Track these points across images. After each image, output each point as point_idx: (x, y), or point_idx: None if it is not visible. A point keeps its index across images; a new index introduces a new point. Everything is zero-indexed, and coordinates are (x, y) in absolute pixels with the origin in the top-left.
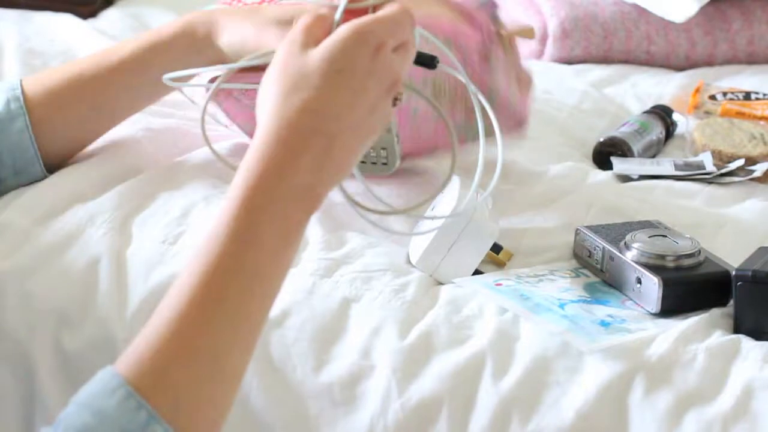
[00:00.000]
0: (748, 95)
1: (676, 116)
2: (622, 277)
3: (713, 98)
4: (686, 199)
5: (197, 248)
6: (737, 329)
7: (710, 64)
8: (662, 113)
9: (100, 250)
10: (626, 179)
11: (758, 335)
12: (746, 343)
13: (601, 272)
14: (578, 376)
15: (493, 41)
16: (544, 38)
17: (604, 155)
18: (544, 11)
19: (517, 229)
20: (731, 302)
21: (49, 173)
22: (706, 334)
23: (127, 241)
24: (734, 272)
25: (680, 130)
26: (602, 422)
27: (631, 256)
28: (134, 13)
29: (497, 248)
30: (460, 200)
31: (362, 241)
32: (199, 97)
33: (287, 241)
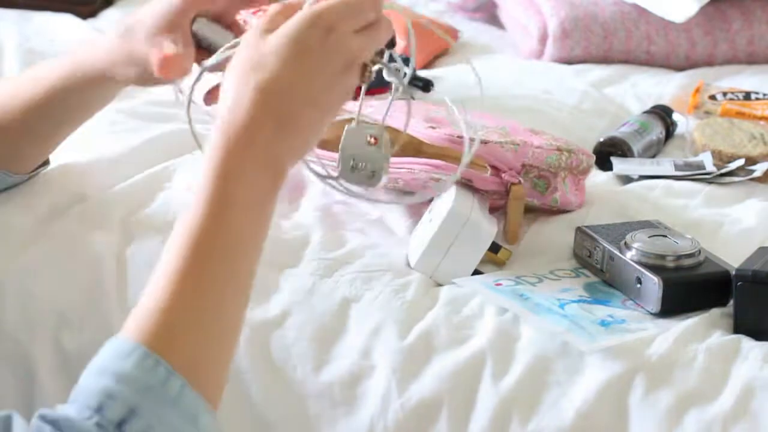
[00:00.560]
0: (748, 95)
1: (676, 116)
2: (622, 277)
3: (713, 98)
4: (686, 199)
5: (186, 208)
6: (737, 329)
7: (710, 64)
8: (662, 113)
9: (100, 250)
10: (626, 179)
11: (758, 335)
12: (746, 343)
13: (601, 272)
14: (578, 376)
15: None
16: (544, 38)
17: (604, 155)
18: (544, 11)
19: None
20: (731, 302)
21: (27, 174)
22: (706, 334)
23: (127, 240)
24: (734, 272)
25: (680, 130)
26: (602, 422)
27: (631, 256)
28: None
29: (496, 247)
30: (456, 200)
31: (362, 241)
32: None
33: (260, 205)
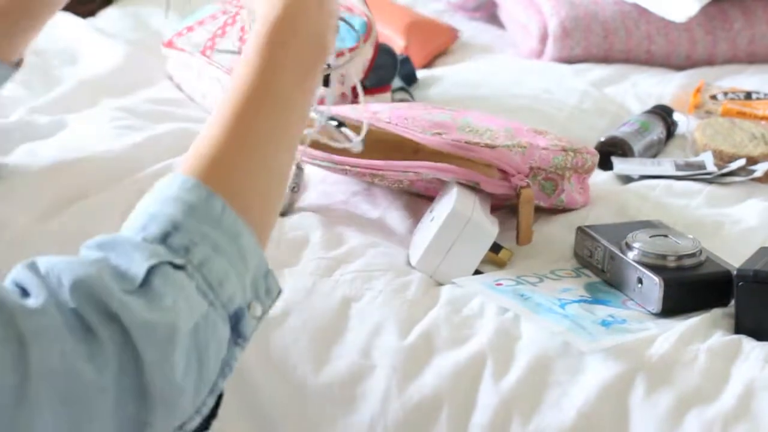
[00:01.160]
0: (749, 95)
1: (676, 116)
2: (623, 277)
3: (714, 98)
4: (687, 199)
5: (234, 73)
6: (738, 329)
7: (711, 63)
8: (663, 113)
9: None
10: (627, 179)
11: (759, 335)
12: (747, 343)
13: (602, 272)
14: (579, 375)
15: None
16: (544, 38)
17: (604, 155)
18: (544, 11)
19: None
20: (732, 302)
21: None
22: (707, 334)
23: None
24: (735, 272)
25: (681, 129)
26: (603, 422)
27: (632, 255)
28: (133, 12)
29: (497, 248)
30: (458, 200)
31: (363, 240)
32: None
33: (305, 74)
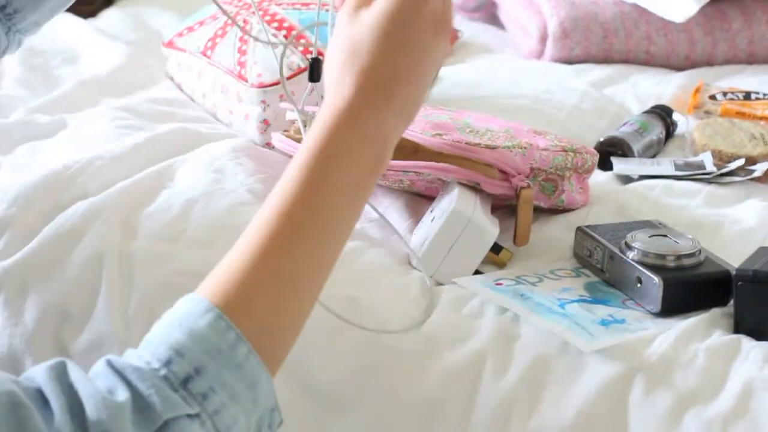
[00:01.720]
0: (748, 95)
1: (676, 116)
2: (622, 276)
3: (713, 98)
4: (686, 199)
5: (275, 190)
6: (737, 329)
7: (710, 64)
8: (662, 113)
9: (102, 247)
10: (626, 179)
11: (758, 335)
12: (746, 343)
13: (601, 272)
14: (578, 375)
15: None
16: (544, 38)
17: (604, 155)
18: (544, 11)
19: None
20: (731, 302)
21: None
22: (706, 333)
23: (129, 237)
24: (735, 272)
25: (680, 130)
26: (602, 422)
27: (631, 255)
28: (134, 12)
29: (497, 248)
30: (459, 200)
31: (363, 240)
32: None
33: (358, 187)
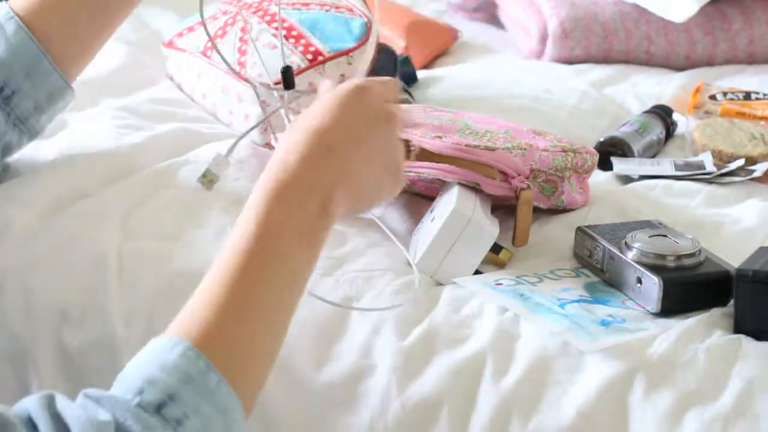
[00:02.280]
0: (748, 95)
1: (676, 116)
2: (622, 276)
3: (713, 98)
4: (686, 199)
5: (238, 222)
6: (738, 329)
7: (710, 64)
8: (662, 113)
9: (102, 247)
10: (626, 179)
11: (759, 335)
12: (747, 343)
13: (601, 272)
14: (578, 375)
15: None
16: (544, 38)
17: (604, 155)
18: (544, 11)
19: None
20: (731, 302)
21: (69, 85)
22: (706, 333)
23: (128, 238)
24: (734, 272)
25: (680, 130)
26: (602, 422)
27: (631, 255)
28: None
29: (497, 248)
30: (459, 201)
31: (363, 240)
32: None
33: (309, 236)
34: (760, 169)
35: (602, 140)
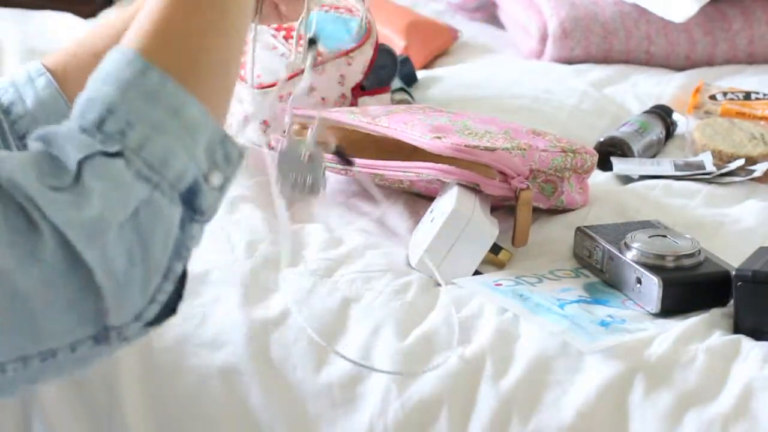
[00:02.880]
0: (748, 95)
1: (676, 116)
2: (622, 277)
3: (713, 98)
4: (686, 199)
5: None
6: (737, 329)
7: (710, 64)
8: (662, 113)
9: None
10: (626, 179)
11: (758, 335)
12: (746, 343)
13: (601, 272)
14: (578, 375)
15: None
16: (544, 38)
17: (604, 155)
18: (544, 11)
19: None
20: (731, 302)
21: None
22: (706, 334)
23: None
24: (734, 272)
25: (680, 130)
26: (602, 422)
27: (631, 256)
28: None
29: (496, 249)
30: (458, 201)
31: (362, 241)
32: None
33: None
34: (760, 169)
35: (602, 140)
